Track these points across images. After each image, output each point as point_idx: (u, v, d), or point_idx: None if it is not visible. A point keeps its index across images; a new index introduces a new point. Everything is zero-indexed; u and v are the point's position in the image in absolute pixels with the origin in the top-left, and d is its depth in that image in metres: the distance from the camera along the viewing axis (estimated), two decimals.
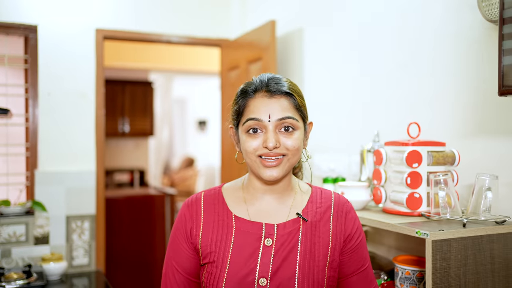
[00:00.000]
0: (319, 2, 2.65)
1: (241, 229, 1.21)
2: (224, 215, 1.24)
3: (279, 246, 1.18)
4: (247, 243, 1.19)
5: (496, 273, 1.39)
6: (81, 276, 3.00)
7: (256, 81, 1.22)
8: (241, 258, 1.18)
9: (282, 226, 1.21)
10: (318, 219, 1.23)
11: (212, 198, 1.27)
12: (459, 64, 1.75)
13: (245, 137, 1.19)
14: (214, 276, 1.17)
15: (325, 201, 1.27)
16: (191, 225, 1.23)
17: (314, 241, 1.21)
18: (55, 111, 3.06)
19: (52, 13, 3.06)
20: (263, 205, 1.25)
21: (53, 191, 3.02)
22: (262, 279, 1.16)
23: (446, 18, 1.81)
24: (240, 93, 1.23)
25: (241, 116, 1.21)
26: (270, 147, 1.15)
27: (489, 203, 1.43)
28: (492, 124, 1.62)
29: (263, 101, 1.18)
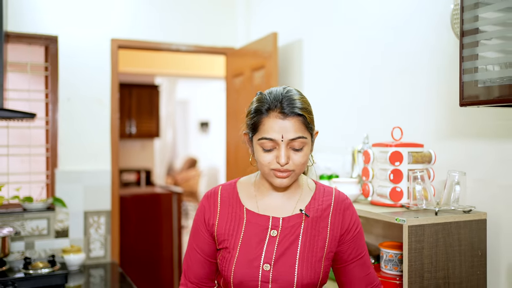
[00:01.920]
0: (317, 16, 2.91)
1: (251, 220, 1.38)
2: (237, 208, 1.41)
3: (283, 237, 1.35)
4: (255, 233, 1.36)
5: (463, 253, 1.65)
6: (98, 267, 3.26)
7: (269, 98, 1.31)
8: (249, 246, 1.35)
9: (287, 219, 1.37)
10: (319, 215, 1.39)
11: (227, 192, 1.44)
12: (436, 76, 2.01)
13: (260, 152, 1.32)
14: (226, 260, 1.36)
15: (326, 199, 1.43)
16: (209, 215, 1.42)
17: (314, 235, 1.37)
18: (74, 115, 3.33)
19: (71, 24, 3.32)
20: (271, 200, 1.41)
21: (72, 188, 3.29)
22: (266, 264, 1.33)
23: (428, 35, 2.07)
24: (254, 111, 1.33)
25: (256, 132, 1.33)
26: (282, 164, 1.29)
27: (458, 195, 1.69)
28: (461, 129, 1.89)
29: (276, 122, 1.28)
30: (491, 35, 1.38)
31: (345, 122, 2.64)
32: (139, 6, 3.56)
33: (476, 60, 1.40)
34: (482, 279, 1.69)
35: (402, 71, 2.22)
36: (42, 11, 3.25)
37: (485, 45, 1.39)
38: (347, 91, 2.63)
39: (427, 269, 1.59)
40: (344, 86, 2.66)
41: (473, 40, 1.41)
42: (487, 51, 1.39)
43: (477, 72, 1.39)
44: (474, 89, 1.40)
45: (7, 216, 3.06)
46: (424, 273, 1.58)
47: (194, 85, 11.04)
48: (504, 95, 1.34)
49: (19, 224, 3.10)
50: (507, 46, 1.36)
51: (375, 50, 2.41)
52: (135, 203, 4.75)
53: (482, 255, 1.69)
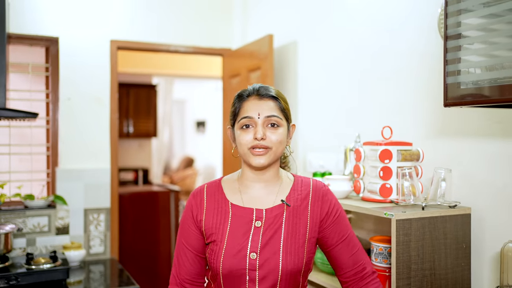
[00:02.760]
0: (312, 19, 3.00)
1: (236, 213, 1.48)
2: (223, 203, 1.51)
3: (267, 227, 1.45)
4: (241, 225, 1.46)
5: (448, 246, 1.74)
6: (98, 263, 3.34)
7: (250, 88, 1.52)
8: (236, 237, 1.44)
9: (270, 210, 1.48)
10: (299, 204, 1.50)
11: (213, 190, 1.54)
12: (424, 78, 2.10)
13: (240, 132, 1.46)
14: (215, 252, 1.45)
15: (305, 188, 1.53)
16: (197, 212, 1.51)
17: (295, 222, 1.47)
18: (74, 114, 3.40)
19: (72, 26, 3.40)
20: (254, 193, 1.51)
21: (72, 186, 3.36)
22: (253, 253, 1.42)
23: (417, 38, 2.16)
24: (236, 98, 1.52)
25: (237, 116, 1.48)
26: (259, 138, 1.42)
27: (444, 191, 1.78)
28: (447, 129, 1.98)
29: (254, 103, 1.47)
30: (473, 40, 1.47)
31: (338, 122, 2.73)
32: (137, 8, 3.64)
33: (459, 63, 1.48)
34: (467, 270, 1.78)
35: (392, 73, 2.31)
36: (43, 13, 3.33)
37: (468, 49, 1.48)
38: (340, 92, 2.72)
39: (414, 261, 1.68)
40: (337, 86, 2.75)
41: (456, 45, 1.49)
42: (470, 55, 1.48)
43: (460, 75, 1.48)
44: (457, 91, 1.49)
45: (9, 213, 3.14)
46: (411, 264, 1.67)
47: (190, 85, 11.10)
48: (485, 96, 1.43)
49: (21, 221, 3.18)
50: (488, 50, 1.44)
51: (366, 52, 2.50)
52: (133, 201, 4.83)
53: (467, 247, 1.78)
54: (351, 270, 1.52)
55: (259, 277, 1.42)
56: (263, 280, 1.42)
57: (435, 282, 1.71)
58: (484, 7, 1.45)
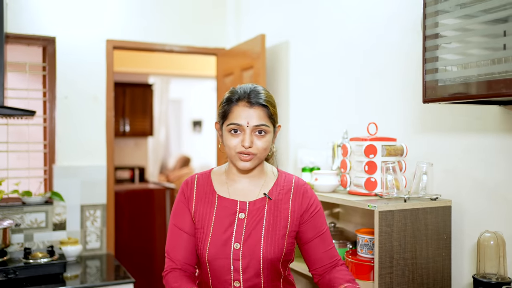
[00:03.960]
0: (303, 19, 3.08)
1: (221, 205, 1.56)
2: (210, 194, 1.59)
3: (250, 219, 1.53)
4: (225, 216, 1.54)
5: (429, 237, 1.82)
6: (94, 258, 3.41)
7: (240, 91, 1.53)
8: (221, 227, 1.52)
9: (253, 203, 1.55)
10: (280, 199, 1.57)
11: (203, 180, 1.63)
12: (409, 76, 2.18)
13: (228, 136, 1.52)
14: (201, 240, 1.54)
15: (287, 184, 1.61)
16: (188, 198, 1.60)
17: (276, 215, 1.55)
18: (71, 113, 3.47)
19: (68, 26, 3.46)
20: (239, 186, 1.59)
21: (69, 183, 3.43)
22: (236, 243, 1.50)
23: (402, 39, 2.24)
24: (226, 100, 1.54)
25: (226, 119, 1.52)
26: (246, 146, 1.48)
27: (425, 184, 1.86)
28: (429, 124, 2.06)
29: (244, 110, 1.49)
30: (450, 39, 1.55)
31: (328, 119, 2.81)
32: (133, 8, 3.71)
33: (437, 61, 1.56)
34: (447, 260, 1.86)
35: (380, 71, 2.39)
36: (40, 13, 3.39)
37: (445, 48, 1.56)
38: (329, 90, 2.80)
39: (396, 251, 1.75)
40: (326, 85, 2.83)
41: (434, 44, 1.57)
42: (447, 53, 1.55)
43: (438, 73, 1.56)
44: (435, 88, 1.57)
45: (7, 210, 3.20)
46: (394, 254, 1.75)
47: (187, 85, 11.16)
48: (461, 93, 1.51)
49: (19, 217, 3.24)
50: (464, 49, 1.52)
51: (355, 52, 2.58)
52: (129, 198, 4.90)
53: (447, 238, 1.86)
54: (326, 264, 1.60)
55: (243, 266, 1.50)
56: (247, 269, 1.50)
57: (416, 271, 1.79)
58: (460, 8, 1.53)
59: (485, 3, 1.44)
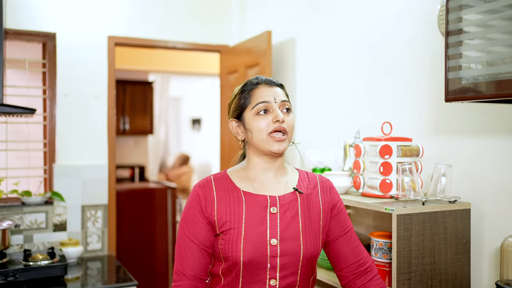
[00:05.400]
0: (310, 15, 3.00)
1: (249, 201, 1.45)
2: (234, 191, 1.48)
3: (283, 213, 1.45)
4: (256, 212, 1.44)
5: (448, 241, 1.75)
6: (95, 259, 3.34)
7: (255, 78, 1.52)
8: (253, 223, 1.42)
9: (282, 197, 1.47)
10: (310, 193, 1.52)
11: (220, 180, 1.51)
12: (424, 73, 2.11)
13: (256, 119, 1.45)
14: (232, 241, 1.41)
15: (312, 180, 1.56)
16: (205, 202, 1.46)
17: (309, 210, 1.49)
18: (71, 111, 3.39)
19: (69, 22, 3.38)
20: (264, 180, 1.50)
21: (70, 182, 3.35)
22: (273, 239, 1.41)
23: (416, 34, 2.17)
24: (242, 88, 1.51)
25: (248, 104, 1.47)
26: (281, 120, 1.42)
27: (444, 186, 1.79)
28: (447, 124, 1.99)
29: (266, 89, 1.48)
30: (474, 35, 1.48)
31: (337, 118, 2.73)
32: (135, 4, 3.62)
33: (460, 58, 1.49)
34: (466, 265, 1.79)
35: (392, 69, 2.32)
36: (40, 8, 3.31)
37: (468, 45, 1.49)
38: (339, 88, 2.72)
39: (415, 256, 1.68)
40: (335, 83, 2.75)
41: (457, 40, 1.50)
42: (470, 50, 1.48)
43: (461, 70, 1.49)
44: (458, 86, 1.49)
45: (6, 210, 3.13)
46: (412, 259, 1.68)
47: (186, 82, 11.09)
48: (485, 91, 1.43)
49: (18, 217, 3.16)
50: (488, 45, 1.45)
51: (366, 48, 2.50)
52: (130, 198, 4.82)
53: (466, 242, 1.79)
54: (352, 264, 1.53)
55: (281, 263, 1.41)
56: (285, 266, 1.42)
57: (435, 277, 1.72)
58: (484, 3, 1.46)
59: None
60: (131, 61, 6.07)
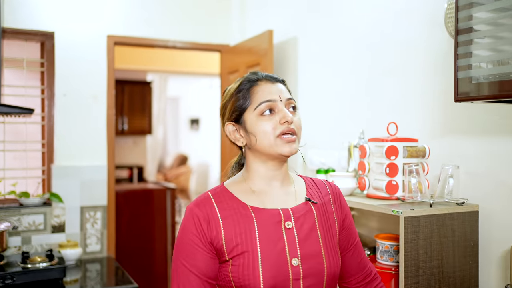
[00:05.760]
0: (312, 14, 2.96)
1: (260, 217, 1.26)
2: (240, 207, 1.27)
3: (299, 227, 1.27)
4: (270, 229, 1.24)
5: (456, 243, 1.71)
6: (94, 261, 3.29)
7: (253, 74, 1.33)
8: (269, 243, 1.23)
9: (296, 209, 1.29)
10: (323, 202, 1.35)
11: (220, 195, 1.30)
12: (430, 73, 2.07)
13: (260, 121, 1.26)
14: (249, 266, 1.21)
15: (321, 188, 1.39)
16: (207, 225, 1.24)
17: (327, 221, 1.33)
18: (70, 111, 3.35)
19: (68, 21, 3.34)
20: (271, 192, 1.31)
21: (68, 183, 3.31)
22: (294, 259, 1.23)
23: (420, 33, 2.13)
24: (241, 85, 1.31)
25: (250, 104, 1.28)
26: (290, 120, 1.25)
27: (451, 188, 1.76)
28: (454, 125, 1.95)
29: (268, 86, 1.29)
30: (484, 34, 1.45)
31: (340, 119, 2.70)
32: (134, 3, 3.58)
33: (470, 57, 1.46)
34: (475, 268, 1.76)
35: (395, 68, 2.28)
36: (39, 7, 3.27)
37: (479, 44, 1.45)
38: (342, 88, 2.69)
39: (422, 259, 1.65)
40: (338, 83, 2.72)
41: (467, 39, 1.47)
42: (481, 49, 1.45)
43: (471, 69, 1.45)
44: (468, 86, 1.46)
45: (4, 211, 3.08)
46: (420, 262, 1.64)
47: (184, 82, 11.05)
48: (496, 91, 1.40)
49: (16, 219, 3.12)
50: (499, 44, 1.42)
51: (369, 47, 2.47)
52: (129, 199, 4.78)
53: (474, 245, 1.76)
54: (360, 275, 1.45)
55: (304, 285, 1.24)
56: None
57: (443, 281, 1.69)
58: (494, 1, 1.42)
59: None
60: (129, 61, 6.03)
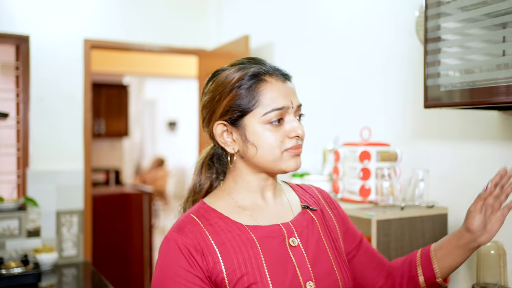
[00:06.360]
0: (288, 20, 3.01)
1: (261, 237, 1.07)
2: (235, 229, 1.07)
3: (305, 242, 1.10)
4: (275, 251, 1.06)
5: (426, 245, 1.76)
6: (70, 266, 3.27)
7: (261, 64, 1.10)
8: (278, 268, 1.05)
9: (296, 222, 1.13)
10: (320, 208, 1.21)
11: (206, 216, 1.09)
12: (402, 79, 2.13)
13: (267, 130, 1.06)
14: None
15: (311, 192, 1.25)
16: (200, 254, 1.03)
17: (329, 229, 1.18)
18: (46, 114, 3.32)
19: (44, 24, 3.32)
20: (264, 205, 1.14)
21: (44, 188, 3.28)
22: (309, 283, 1.06)
23: (394, 40, 2.19)
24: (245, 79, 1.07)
25: (255, 107, 1.05)
26: (302, 134, 1.08)
27: (422, 191, 1.81)
28: (425, 130, 2.01)
29: (279, 86, 1.07)
30: (452, 43, 1.50)
31: (315, 123, 2.74)
32: (111, 6, 3.58)
33: (439, 66, 1.51)
34: None
35: (370, 74, 2.34)
36: (14, 10, 3.24)
37: (447, 52, 1.51)
38: (317, 94, 2.74)
39: None
40: (314, 88, 2.77)
41: (435, 48, 1.52)
42: (449, 57, 1.51)
43: (439, 77, 1.51)
44: (437, 93, 1.51)
45: None
46: None
47: (162, 85, 11.02)
48: (463, 99, 1.46)
49: None
50: (466, 54, 1.47)
51: (344, 54, 2.52)
52: (106, 203, 4.76)
53: None
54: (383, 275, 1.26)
55: None
56: None
57: None
58: (462, 12, 1.48)
59: (487, 7, 1.39)
60: (106, 64, 6.00)
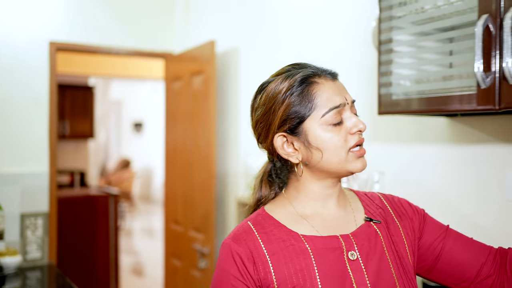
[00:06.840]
0: (253, 26, 3.10)
1: (317, 248, 1.03)
2: (290, 238, 1.04)
3: (365, 257, 1.04)
4: (331, 263, 1.02)
5: None
6: (35, 269, 3.26)
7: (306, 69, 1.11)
8: (333, 282, 1.00)
9: (357, 234, 1.07)
10: (385, 220, 1.13)
11: (262, 224, 1.07)
12: (362, 86, 2.25)
13: (329, 132, 1.03)
14: None
15: (377, 201, 1.17)
16: (252, 263, 1.02)
17: (395, 243, 1.10)
18: (9, 116, 3.30)
19: (6, 26, 3.29)
20: (326, 214, 1.09)
21: (8, 190, 3.26)
22: None
23: (354, 49, 2.30)
24: (295, 86, 1.07)
25: (312, 111, 1.03)
26: (363, 128, 1.04)
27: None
28: (381, 134, 2.14)
29: (330, 84, 1.06)
30: (404, 55, 1.61)
31: None
32: (77, 9, 3.58)
33: (391, 76, 1.62)
34: None
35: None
36: None
37: (399, 63, 1.62)
38: None
39: None
40: None
41: (388, 59, 1.63)
42: (400, 68, 1.62)
43: (391, 86, 1.62)
44: (389, 101, 1.63)
45: None
46: None
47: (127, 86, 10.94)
48: (414, 107, 1.57)
49: None
50: (416, 65, 1.59)
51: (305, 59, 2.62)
52: (71, 205, 4.74)
53: None
54: (485, 257, 1.12)
55: None
56: None
57: None
58: (413, 26, 1.60)
59: (436, 22, 1.50)
60: (72, 65, 5.95)
